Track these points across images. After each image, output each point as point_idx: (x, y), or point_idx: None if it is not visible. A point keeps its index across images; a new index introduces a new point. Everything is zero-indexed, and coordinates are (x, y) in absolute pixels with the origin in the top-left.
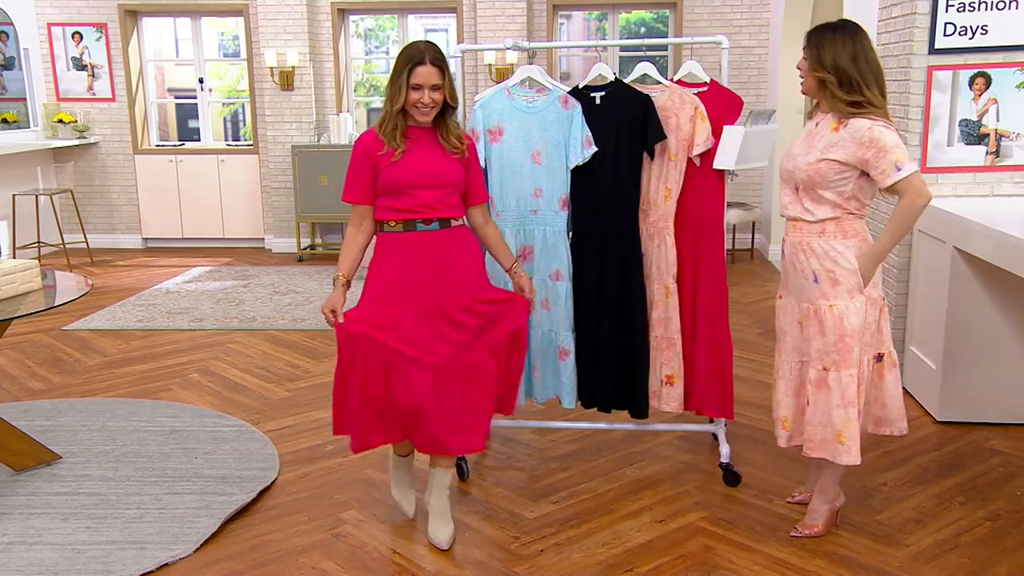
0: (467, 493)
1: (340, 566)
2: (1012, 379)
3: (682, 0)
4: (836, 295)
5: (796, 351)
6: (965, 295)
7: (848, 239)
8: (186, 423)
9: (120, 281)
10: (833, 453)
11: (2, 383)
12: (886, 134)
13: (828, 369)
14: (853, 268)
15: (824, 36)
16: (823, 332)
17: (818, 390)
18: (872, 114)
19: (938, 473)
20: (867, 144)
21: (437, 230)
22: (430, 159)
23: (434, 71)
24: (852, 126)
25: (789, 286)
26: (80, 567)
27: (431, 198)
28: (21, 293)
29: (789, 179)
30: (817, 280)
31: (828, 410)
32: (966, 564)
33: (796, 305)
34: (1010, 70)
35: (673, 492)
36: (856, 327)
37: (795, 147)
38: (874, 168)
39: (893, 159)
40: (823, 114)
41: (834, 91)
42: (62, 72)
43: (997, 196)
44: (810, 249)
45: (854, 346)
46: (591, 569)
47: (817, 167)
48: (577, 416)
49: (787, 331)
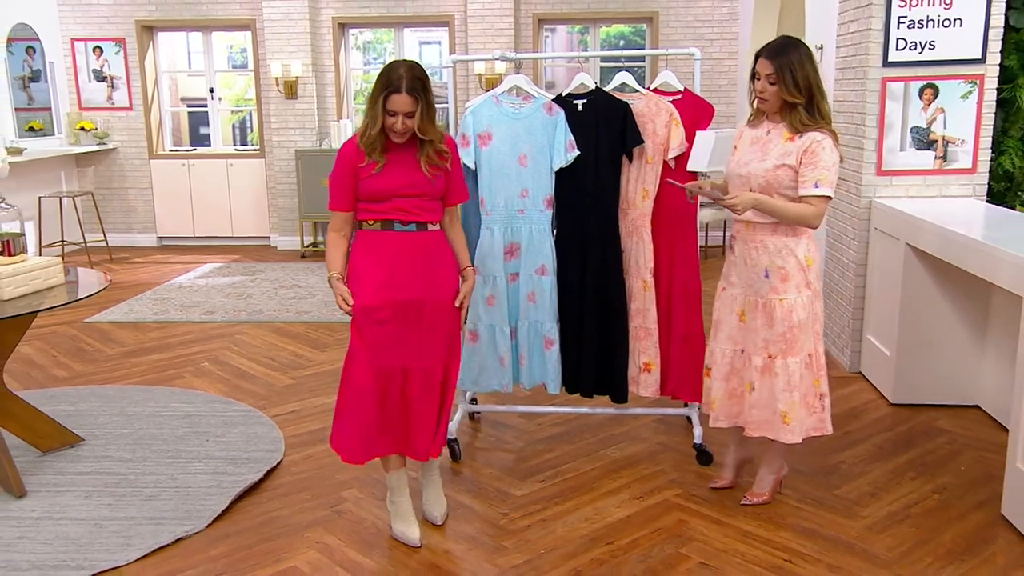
0: (459, 473)
1: (341, 540)
2: (958, 365)
3: (658, 15)
4: (786, 290)
5: (730, 340)
6: (917, 288)
7: (799, 237)
8: (198, 408)
9: (137, 277)
10: (777, 433)
11: (29, 371)
12: (828, 153)
13: (774, 357)
14: (803, 264)
15: (792, 58)
16: (771, 323)
17: (763, 376)
18: (825, 128)
19: (891, 451)
20: (808, 150)
21: (414, 231)
22: (409, 171)
23: (408, 99)
24: (807, 136)
25: (735, 279)
26: (103, 541)
27: (410, 205)
28: (46, 288)
29: (743, 184)
30: (768, 276)
31: (774, 394)
32: (915, 533)
33: (739, 297)
34: (955, 82)
35: (650, 471)
36: (803, 319)
37: (744, 153)
38: (799, 175)
39: (817, 176)
40: (772, 124)
41: (802, 114)
42: (84, 83)
43: (944, 197)
44: (763, 247)
45: (799, 335)
46: (574, 543)
47: (775, 173)
48: (561, 401)
49: (724, 320)
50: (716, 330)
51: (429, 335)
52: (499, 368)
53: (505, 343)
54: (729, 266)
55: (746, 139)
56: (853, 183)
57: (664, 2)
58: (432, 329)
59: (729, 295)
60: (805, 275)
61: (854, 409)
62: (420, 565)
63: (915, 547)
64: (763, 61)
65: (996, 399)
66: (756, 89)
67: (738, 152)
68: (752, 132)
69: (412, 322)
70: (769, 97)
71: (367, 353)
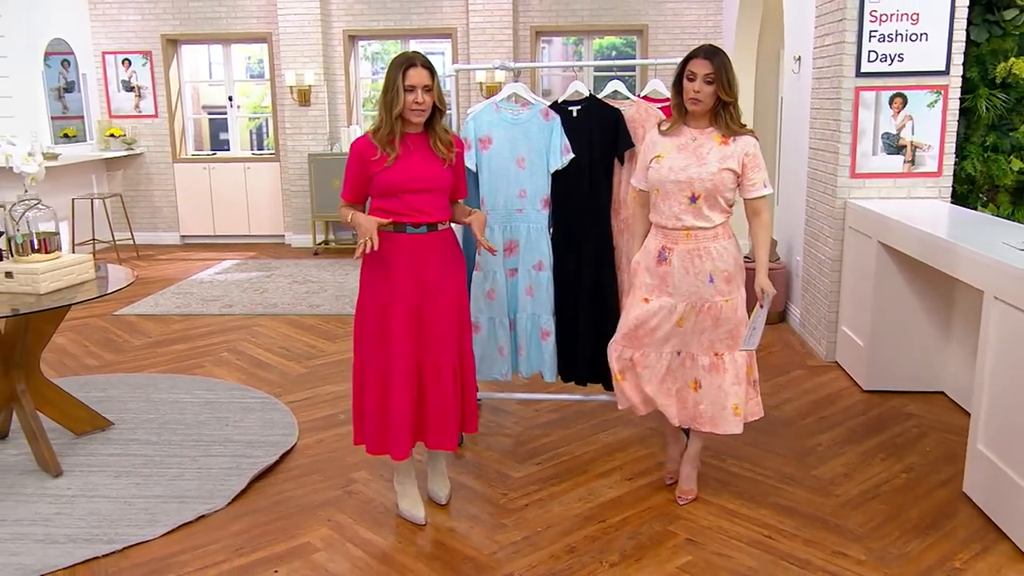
0: (461, 456)
1: (351, 518)
2: (926, 354)
3: (648, 28)
4: (730, 290)
5: (669, 343)
6: (888, 282)
7: (730, 239)
8: (218, 395)
9: (162, 273)
10: (726, 426)
11: (64, 360)
12: (760, 155)
13: (721, 355)
14: (740, 263)
15: (725, 62)
16: (718, 324)
17: (711, 373)
18: (750, 131)
19: (864, 434)
20: (750, 155)
21: (425, 234)
22: (421, 164)
23: (425, 72)
24: (741, 140)
25: (673, 289)
26: (131, 517)
27: (421, 202)
28: (79, 283)
29: (681, 189)
30: (713, 280)
31: (723, 389)
32: (885, 509)
33: (679, 305)
34: (922, 92)
35: (641, 454)
36: (744, 315)
37: (675, 160)
38: (746, 179)
39: (763, 177)
40: (696, 130)
41: (732, 113)
42: (113, 93)
43: (913, 198)
44: (707, 253)
45: (742, 330)
46: (569, 521)
47: (721, 176)
48: (557, 389)
49: (661, 327)
50: (647, 337)
51: (441, 330)
52: (499, 358)
53: (504, 334)
54: (661, 277)
55: (669, 146)
56: (829, 185)
57: (653, 16)
58: (444, 324)
59: (664, 304)
60: (742, 273)
61: (830, 396)
62: (425, 541)
63: (884, 522)
64: (700, 61)
65: (959, 386)
66: (692, 90)
67: (666, 159)
68: (675, 140)
69: (425, 319)
70: (704, 97)
71: (382, 352)
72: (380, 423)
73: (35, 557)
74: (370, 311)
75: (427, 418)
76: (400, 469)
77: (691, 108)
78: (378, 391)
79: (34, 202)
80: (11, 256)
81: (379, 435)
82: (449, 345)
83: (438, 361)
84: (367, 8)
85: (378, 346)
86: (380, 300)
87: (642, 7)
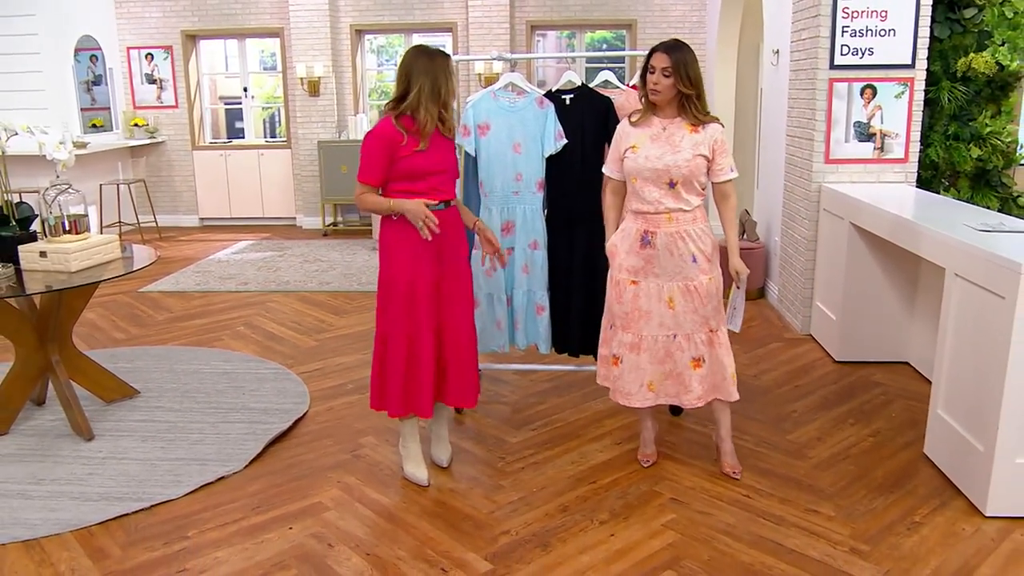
0: (462, 423)
1: (360, 480)
2: (892, 327)
3: (636, 22)
4: (711, 268)
5: (663, 326)
6: (859, 261)
7: (706, 222)
8: (235, 366)
9: (182, 252)
10: (728, 392)
11: (93, 333)
12: (726, 141)
13: (715, 330)
14: (715, 242)
15: (686, 56)
16: (705, 301)
17: (711, 348)
18: (716, 119)
19: (835, 402)
20: (719, 141)
21: (443, 210)
22: (441, 150)
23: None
24: (710, 128)
25: (659, 271)
26: (157, 478)
27: (439, 182)
28: (106, 261)
29: (659, 176)
30: (696, 260)
31: (721, 360)
32: (853, 470)
33: (665, 286)
34: (890, 84)
35: (629, 420)
36: (722, 289)
37: (650, 149)
38: (715, 164)
39: (730, 162)
40: (666, 120)
41: (696, 103)
42: (137, 85)
43: (882, 183)
44: (688, 235)
45: (721, 304)
46: (562, 482)
47: (696, 162)
48: (552, 360)
49: (652, 310)
50: (641, 320)
51: (456, 298)
52: (497, 331)
53: (502, 309)
54: (646, 259)
55: (642, 137)
56: (805, 170)
57: (642, 11)
58: (458, 292)
59: (652, 286)
60: (718, 252)
61: (805, 366)
62: (428, 501)
63: (853, 482)
64: (660, 55)
65: (923, 356)
66: (652, 82)
67: (641, 149)
68: (646, 130)
69: (444, 289)
70: (662, 89)
71: (409, 320)
72: (406, 387)
73: (71, 513)
74: (397, 284)
75: (447, 379)
76: (406, 434)
77: (652, 99)
78: (405, 357)
79: (65, 187)
80: (44, 237)
81: (405, 397)
82: (467, 309)
83: (458, 325)
84: (373, 4)
85: (405, 315)
86: (407, 273)
87: (631, 3)
